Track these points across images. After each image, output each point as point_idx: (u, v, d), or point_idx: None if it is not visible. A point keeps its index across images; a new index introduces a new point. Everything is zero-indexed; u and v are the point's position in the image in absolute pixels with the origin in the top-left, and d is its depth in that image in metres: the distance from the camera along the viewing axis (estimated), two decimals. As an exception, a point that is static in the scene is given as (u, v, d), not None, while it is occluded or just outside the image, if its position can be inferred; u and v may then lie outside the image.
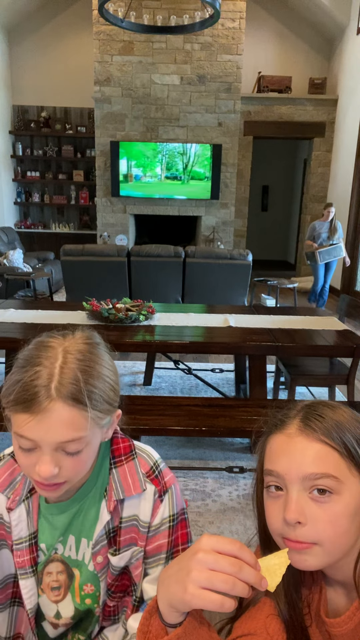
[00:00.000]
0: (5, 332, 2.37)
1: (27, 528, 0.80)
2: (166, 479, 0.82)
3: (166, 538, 0.81)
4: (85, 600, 0.83)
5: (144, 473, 0.81)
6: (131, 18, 4.65)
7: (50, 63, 6.97)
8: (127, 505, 0.80)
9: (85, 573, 0.82)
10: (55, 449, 0.67)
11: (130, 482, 0.80)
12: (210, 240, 6.77)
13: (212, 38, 6.10)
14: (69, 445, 0.67)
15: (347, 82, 6.26)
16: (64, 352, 0.68)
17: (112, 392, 0.72)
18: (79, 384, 0.66)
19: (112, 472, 0.80)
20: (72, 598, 0.82)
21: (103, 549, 0.80)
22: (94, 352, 0.71)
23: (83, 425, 0.67)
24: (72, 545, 0.81)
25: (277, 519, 0.61)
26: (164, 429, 2.11)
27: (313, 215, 7.14)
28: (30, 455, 0.67)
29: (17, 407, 0.65)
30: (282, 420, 0.66)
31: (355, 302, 2.91)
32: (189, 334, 2.47)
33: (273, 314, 2.90)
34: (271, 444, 0.65)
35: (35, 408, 0.64)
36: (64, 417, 0.65)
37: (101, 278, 4.43)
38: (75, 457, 0.68)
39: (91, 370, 0.68)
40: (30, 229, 7.43)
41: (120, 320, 2.54)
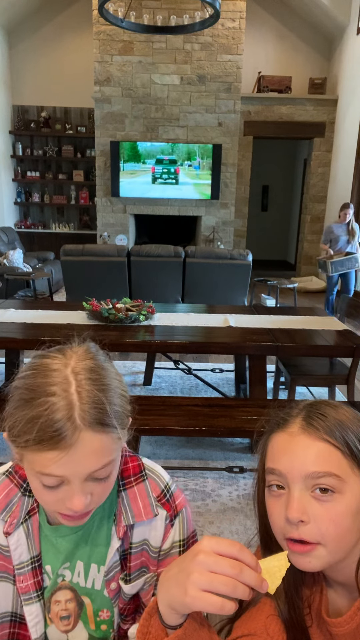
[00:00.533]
0: (5, 332, 2.37)
1: (29, 551, 0.75)
2: (177, 501, 0.78)
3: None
4: (101, 627, 0.79)
5: (155, 497, 0.76)
6: (131, 18, 4.65)
7: (50, 63, 6.97)
8: (137, 530, 0.76)
9: (99, 599, 0.77)
10: (84, 480, 0.62)
11: (140, 507, 0.75)
12: (210, 240, 6.77)
13: (212, 38, 6.10)
14: (99, 472, 0.63)
15: (347, 82, 6.26)
16: (74, 375, 0.62)
17: (126, 402, 0.67)
18: (103, 405, 0.61)
19: (122, 495, 0.75)
20: (86, 625, 0.78)
21: (116, 575, 0.76)
22: (100, 366, 0.65)
23: (113, 447, 0.63)
24: (81, 571, 0.77)
25: (279, 517, 0.61)
26: (164, 429, 2.11)
27: (313, 215, 7.14)
28: (57, 491, 0.63)
29: (41, 447, 0.59)
30: (284, 419, 0.66)
31: (355, 302, 2.91)
32: (189, 334, 2.47)
33: (273, 314, 2.90)
34: (273, 442, 0.65)
35: (63, 444, 0.58)
36: (95, 446, 0.61)
37: (101, 278, 4.43)
38: (105, 481, 0.65)
39: (106, 388, 0.63)
40: (30, 229, 7.43)
41: (120, 320, 2.54)
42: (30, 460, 0.62)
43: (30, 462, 0.62)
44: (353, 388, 2.59)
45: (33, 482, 0.65)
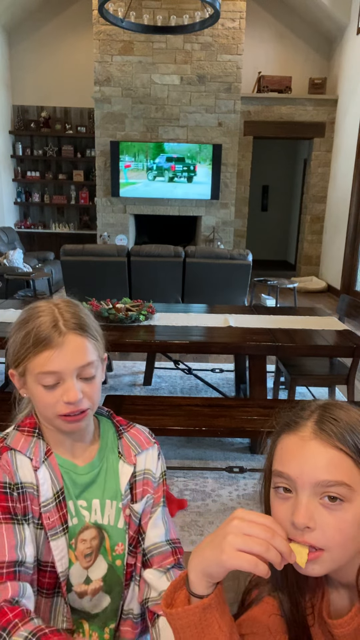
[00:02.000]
0: (5, 332, 2.37)
1: (52, 486, 0.86)
2: (158, 442, 0.99)
3: (162, 488, 0.96)
4: (116, 562, 0.90)
5: (148, 439, 0.97)
6: (131, 18, 4.64)
7: (50, 63, 6.97)
8: (139, 461, 0.93)
9: (115, 534, 0.90)
10: (75, 376, 0.80)
11: (142, 439, 0.96)
12: (210, 240, 6.77)
13: (212, 38, 6.10)
14: (85, 370, 0.81)
15: (347, 82, 6.26)
16: (54, 305, 0.83)
17: (98, 332, 0.87)
18: (78, 318, 0.82)
19: (124, 436, 0.95)
20: (105, 557, 0.89)
21: (128, 502, 0.91)
22: (75, 304, 0.87)
23: (91, 349, 0.82)
24: (97, 509, 0.89)
25: (285, 520, 0.61)
26: (164, 429, 2.11)
27: (313, 215, 7.14)
28: (55, 390, 0.80)
29: (37, 349, 0.79)
30: (295, 421, 0.64)
31: (355, 302, 2.91)
32: (189, 334, 2.47)
33: (273, 314, 2.90)
34: (282, 444, 0.64)
35: (54, 343, 0.78)
36: (78, 344, 0.80)
37: (101, 278, 4.43)
38: (91, 382, 0.82)
39: (80, 312, 0.84)
40: (30, 229, 7.43)
41: (120, 320, 2.54)
42: (31, 368, 0.80)
43: (31, 370, 0.80)
44: (353, 388, 2.59)
45: (35, 391, 0.81)
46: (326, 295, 6.62)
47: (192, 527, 1.96)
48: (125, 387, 3.28)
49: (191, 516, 2.03)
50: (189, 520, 2.00)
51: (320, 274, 7.28)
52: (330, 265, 6.85)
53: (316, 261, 7.35)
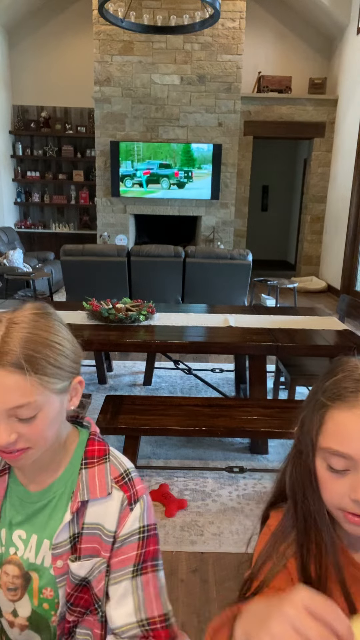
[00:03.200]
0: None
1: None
2: (137, 487, 0.79)
3: (135, 550, 0.75)
4: (43, 605, 0.79)
5: (112, 478, 0.78)
6: (131, 18, 4.65)
7: (50, 63, 6.97)
8: (91, 511, 0.77)
9: (45, 577, 0.78)
10: (7, 417, 0.67)
11: (97, 484, 0.77)
12: (210, 240, 6.77)
13: (212, 38, 6.10)
14: (19, 411, 0.67)
15: (347, 82, 6.26)
16: (9, 324, 0.70)
17: (63, 357, 0.71)
18: (17, 350, 0.66)
19: (82, 473, 0.78)
20: (30, 599, 0.79)
21: (65, 553, 0.77)
22: (41, 321, 0.72)
23: (28, 390, 0.67)
24: (33, 546, 0.79)
25: (339, 494, 0.61)
26: (164, 429, 2.11)
27: (313, 215, 7.14)
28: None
29: None
30: (345, 395, 0.62)
31: (355, 302, 2.91)
32: (189, 334, 2.47)
33: (273, 314, 2.90)
34: (337, 420, 0.61)
35: None
36: (7, 384, 0.66)
37: (101, 278, 4.43)
38: (31, 423, 0.68)
39: (34, 337, 0.69)
40: (30, 229, 7.44)
41: (120, 320, 2.54)
42: None
43: None
44: (353, 388, 2.59)
45: None
46: (326, 295, 6.63)
47: (192, 527, 1.96)
48: (125, 387, 3.28)
49: (191, 516, 2.03)
50: (189, 520, 2.00)
51: (320, 274, 7.28)
52: (330, 265, 6.85)
53: (316, 261, 7.35)
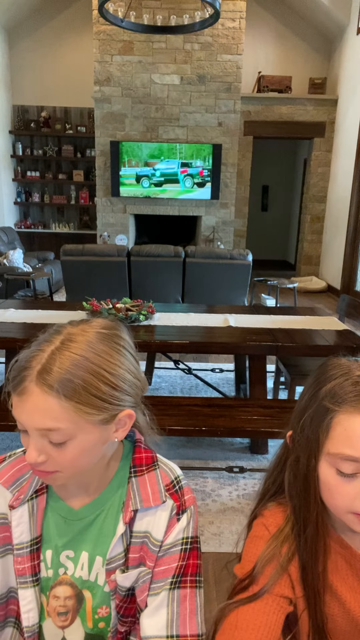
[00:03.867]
0: (5, 332, 2.37)
1: (30, 532, 0.74)
2: (186, 497, 0.76)
3: (176, 562, 0.72)
4: (98, 625, 0.76)
5: (164, 485, 0.75)
6: (131, 18, 4.64)
7: (50, 63, 6.97)
8: (141, 519, 0.74)
9: (99, 595, 0.75)
10: (40, 436, 0.64)
11: (149, 493, 0.74)
12: (210, 240, 6.77)
13: (212, 38, 6.10)
14: (50, 434, 0.64)
15: (347, 82, 6.26)
16: (65, 339, 0.66)
17: (110, 387, 0.66)
18: (60, 371, 0.62)
19: (132, 481, 0.75)
20: (83, 622, 0.76)
21: (118, 566, 0.74)
22: (100, 343, 0.67)
23: (60, 415, 0.63)
24: (85, 563, 0.75)
25: (350, 498, 0.62)
26: (164, 429, 2.10)
27: (313, 215, 7.14)
28: (25, 438, 0.67)
29: (12, 388, 0.65)
30: (347, 398, 0.62)
31: (355, 302, 2.91)
32: (189, 334, 2.47)
33: (273, 314, 2.90)
34: (345, 425, 0.62)
35: (19, 389, 0.63)
36: (38, 403, 0.62)
37: (101, 278, 4.43)
38: (61, 448, 0.65)
39: (82, 361, 0.64)
40: (30, 229, 7.43)
41: (120, 320, 2.54)
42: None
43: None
44: (353, 388, 2.59)
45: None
46: (326, 295, 6.62)
47: (192, 527, 1.96)
48: (125, 387, 3.28)
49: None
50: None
51: (320, 274, 7.28)
52: (330, 265, 6.85)
53: (316, 261, 7.35)
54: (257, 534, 0.74)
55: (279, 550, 0.70)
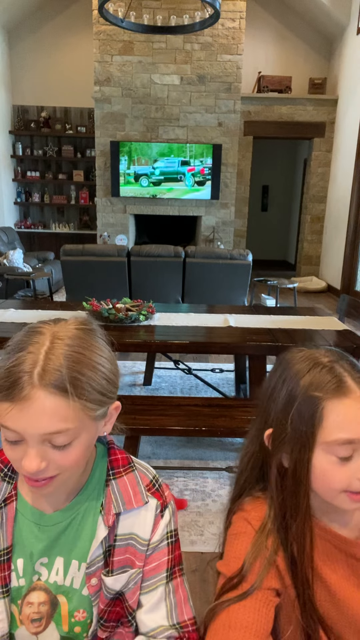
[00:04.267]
0: (5, 332, 2.37)
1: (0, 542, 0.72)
2: (166, 493, 0.78)
3: (166, 556, 0.74)
4: (74, 629, 0.75)
5: (144, 486, 0.76)
6: (131, 18, 4.65)
7: (50, 63, 6.97)
8: (124, 522, 0.74)
9: (76, 599, 0.74)
10: (41, 442, 0.62)
11: (131, 494, 0.74)
12: (210, 240, 6.77)
13: (212, 38, 6.10)
14: (55, 437, 0.61)
15: (347, 82, 6.26)
16: (52, 338, 0.63)
17: (106, 381, 0.66)
18: (63, 370, 0.61)
19: (111, 484, 0.74)
20: (58, 626, 0.74)
21: (98, 570, 0.73)
22: (86, 338, 0.66)
23: (69, 415, 0.61)
24: (60, 568, 0.73)
25: (346, 478, 0.65)
26: (164, 429, 2.11)
27: (313, 215, 7.14)
28: (16, 448, 0.63)
29: (0, 395, 0.61)
30: (333, 386, 0.65)
31: (355, 302, 2.91)
32: (189, 334, 2.47)
33: (273, 314, 2.90)
34: (338, 411, 0.64)
35: (17, 396, 0.59)
36: (46, 407, 0.60)
37: (101, 278, 4.43)
38: (64, 451, 0.63)
39: (80, 357, 0.63)
40: (30, 229, 7.43)
41: (120, 320, 2.54)
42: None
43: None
44: (353, 388, 2.59)
45: (1, 436, 0.64)
46: (326, 295, 6.63)
47: (192, 527, 1.96)
48: (125, 387, 3.28)
49: (191, 516, 2.03)
50: (189, 520, 2.00)
51: (320, 274, 7.28)
52: (330, 265, 6.85)
53: (316, 261, 7.35)
54: (240, 530, 0.74)
55: (265, 544, 0.71)
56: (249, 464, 0.78)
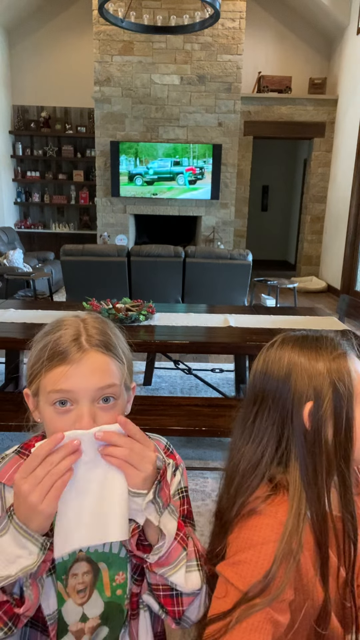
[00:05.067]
0: (5, 332, 2.37)
1: None
2: (177, 456, 0.88)
3: (178, 508, 0.83)
4: (116, 592, 0.81)
5: (161, 450, 0.86)
6: (131, 18, 4.64)
7: (50, 63, 6.97)
8: None
9: (116, 563, 0.80)
10: (92, 401, 0.70)
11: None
12: (210, 240, 6.77)
13: (212, 38, 6.10)
14: (105, 392, 0.71)
15: (347, 82, 6.26)
16: (80, 320, 0.76)
17: (129, 351, 0.79)
18: (104, 335, 0.75)
19: None
20: (101, 593, 0.80)
21: (134, 529, 0.76)
22: (105, 321, 0.79)
23: (114, 371, 0.73)
24: None
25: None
26: (164, 429, 2.11)
27: (313, 215, 7.14)
28: (67, 415, 0.70)
29: (52, 363, 0.70)
30: (346, 349, 0.79)
31: (355, 302, 2.91)
32: (189, 334, 2.47)
33: (273, 314, 2.90)
34: (356, 365, 0.76)
35: (71, 358, 0.70)
36: (98, 363, 0.71)
37: (101, 278, 4.43)
38: (110, 410, 0.72)
39: (106, 329, 0.77)
40: (30, 229, 7.43)
41: (120, 320, 2.54)
42: (43, 386, 0.71)
43: (43, 387, 0.71)
44: (353, 388, 2.59)
45: (46, 413, 0.72)
46: (326, 295, 6.63)
47: (192, 527, 1.96)
48: (125, 387, 3.28)
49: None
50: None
51: (320, 274, 7.28)
52: (330, 265, 6.85)
53: (316, 261, 7.35)
54: (264, 538, 0.70)
55: (291, 543, 0.69)
56: (265, 459, 0.77)
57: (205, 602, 0.77)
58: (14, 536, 0.66)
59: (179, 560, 0.73)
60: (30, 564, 0.66)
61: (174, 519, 0.74)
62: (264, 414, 0.78)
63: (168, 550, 0.72)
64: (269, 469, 0.77)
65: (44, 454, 0.64)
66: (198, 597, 0.76)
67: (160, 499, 0.70)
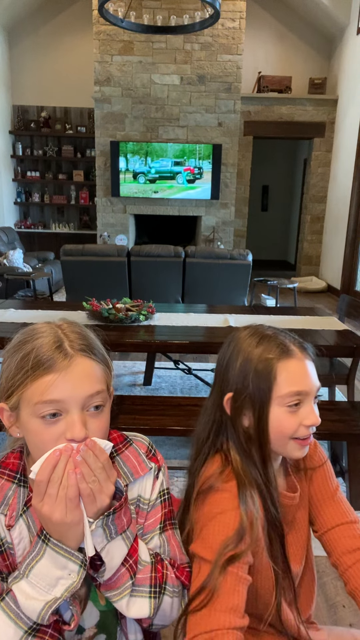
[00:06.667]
0: (5, 332, 2.37)
1: (31, 543, 0.73)
2: (159, 457, 0.86)
3: (160, 511, 0.83)
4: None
5: (144, 453, 0.83)
6: (131, 18, 4.64)
7: (50, 63, 6.97)
8: (132, 490, 0.81)
9: None
10: (82, 408, 0.68)
11: (136, 465, 0.81)
12: (210, 240, 6.77)
13: (212, 38, 6.10)
14: (95, 399, 0.69)
15: (347, 82, 6.26)
16: (56, 326, 0.74)
17: (108, 359, 0.76)
18: (85, 339, 0.72)
19: (116, 460, 0.81)
20: (95, 603, 0.79)
21: None
22: (80, 325, 0.77)
23: (100, 376, 0.71)
24: None
25: (294, 425, 0.80)
26: (164, 429, 2.11)
27: (313, 215, 7.14)
28: (55, 425, 0.68)
29: (37, 372, 0.67)
30: (282, 351, 0.81)
31: (355, 302, 2.91)
32: (189, 334, 2.47)
33: (273, 314, 2.90)
34: (287, 369, 0.80)
35: (58, 366, 0.67)
36: (86, 369, 0.69)
37: (101, 278, 4.43)
38: (99, 417, 0.70)
39: (83, 332, 0.75)
40: (30, 229, 7.44)
41: (120, 320, 2.54)
42: (28, 398, 0.68)
43: (28, 399, 0.68)
44: (353, 388, 2.59)
45: (31, 426, 0.69)
46: (326, 295, 6.63)
47: (192, 527, 1.96)
48: (125, 387, 3.28)
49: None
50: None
51: (320, 274, 7.28)
52: (330, 265, 6.85)
53: (316, 261, 7.35)
54: (222, 509, 0.79)
55: (249, 507, 0.79)
56: (212, 431, 0.89)
57: (180, 606, 0.78)
58: (52, 558, 0.66)
59: (125, 587, 0.72)
60: (74, 582, 0.67)
61: (126, 545, 0.71)
62: (212, 393, 0.90)
63: (114, 575, 0.71)
64: (216, 442, 0.88)
65: (48, 475, 0.64)
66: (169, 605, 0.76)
67: (114, 525, 0.69)
